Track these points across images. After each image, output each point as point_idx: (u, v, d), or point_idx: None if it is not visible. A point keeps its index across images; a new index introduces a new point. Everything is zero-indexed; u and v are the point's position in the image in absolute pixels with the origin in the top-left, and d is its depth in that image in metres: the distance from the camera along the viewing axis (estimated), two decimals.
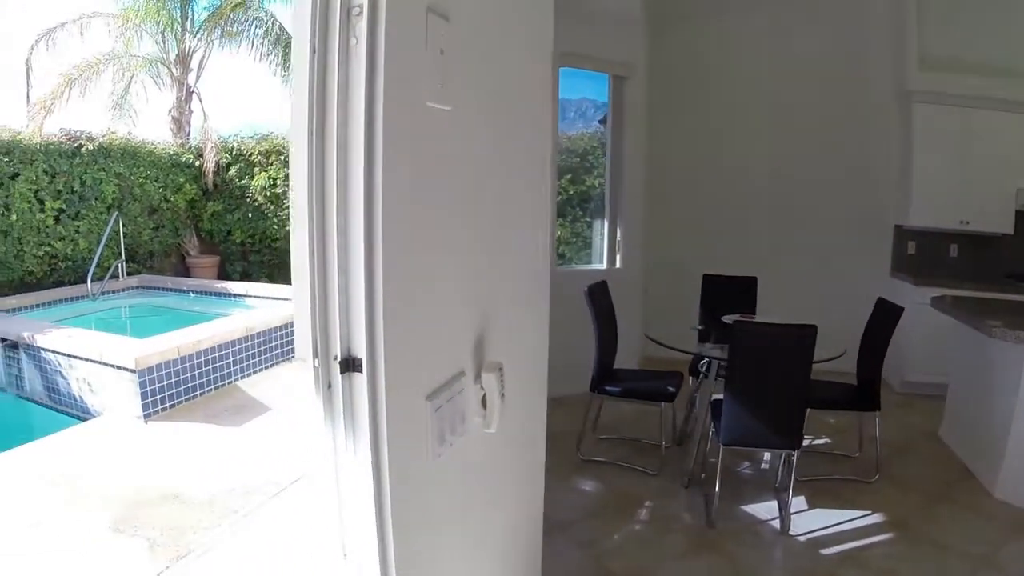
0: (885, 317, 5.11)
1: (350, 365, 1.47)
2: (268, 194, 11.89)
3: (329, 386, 1.47)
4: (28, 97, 13.45)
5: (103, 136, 10.80)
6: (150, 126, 14.15)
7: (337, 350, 1.46)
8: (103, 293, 9.21)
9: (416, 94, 1.54)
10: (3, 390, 6.95)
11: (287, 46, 13.15)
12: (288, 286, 8.82)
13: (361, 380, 1.46)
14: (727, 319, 5.14)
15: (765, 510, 4.60)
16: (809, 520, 4.44)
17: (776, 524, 4.42)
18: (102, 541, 3.81)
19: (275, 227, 11.88)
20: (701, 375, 5.46)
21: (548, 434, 3.12)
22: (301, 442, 4.86)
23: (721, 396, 4.41)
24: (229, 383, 6.45)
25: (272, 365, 6.97)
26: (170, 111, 13.42)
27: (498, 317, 2.24)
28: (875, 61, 7.58)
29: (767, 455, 5.32)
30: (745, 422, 4.30)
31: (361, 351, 1.45)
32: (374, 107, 1.37)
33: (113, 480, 4.57)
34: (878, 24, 7.52)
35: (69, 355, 6.11)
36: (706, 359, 5.27)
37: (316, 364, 1.46)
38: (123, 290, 9.83)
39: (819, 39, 7.69)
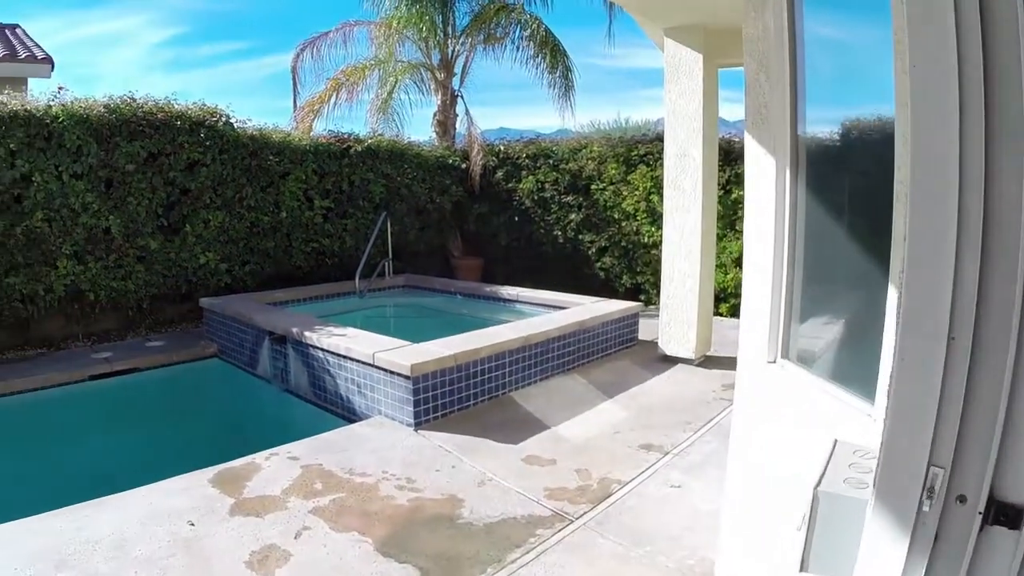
0: None
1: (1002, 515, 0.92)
2: (535, 198, 11.47)
3: (937, 537, 0.93)
4: (295, 101, 14.03)
5: (370, 138, 10.83)
6: (416, 129, 14.28)
7: (973, 488, 0.93)
8: (370, 291, 9.06)
9: None
10: (268, 382, 6.86)
11: (553, 49, 12.77)
12: (563, 294, 8.49)
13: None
14: None
15: None
16: None
17: None
18: (370, 564, 3.29)
19: (541, 231, 11.45)
20: None
21: None
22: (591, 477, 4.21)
23: None
24: (502, 394, 5.86)
25: (546, 377, 6.34)
26: (435, 114, 13.42)
27: None
28: None
29: None
30: None
31: None
32: None
33: (381, 492, 4.06)
34: None
35: (338, 354, 5.77)
36: None
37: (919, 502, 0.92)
38: (389, 288, 9.70)
39: None
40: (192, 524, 3.61)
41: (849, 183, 2.38)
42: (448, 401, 5.34)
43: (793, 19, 2.44)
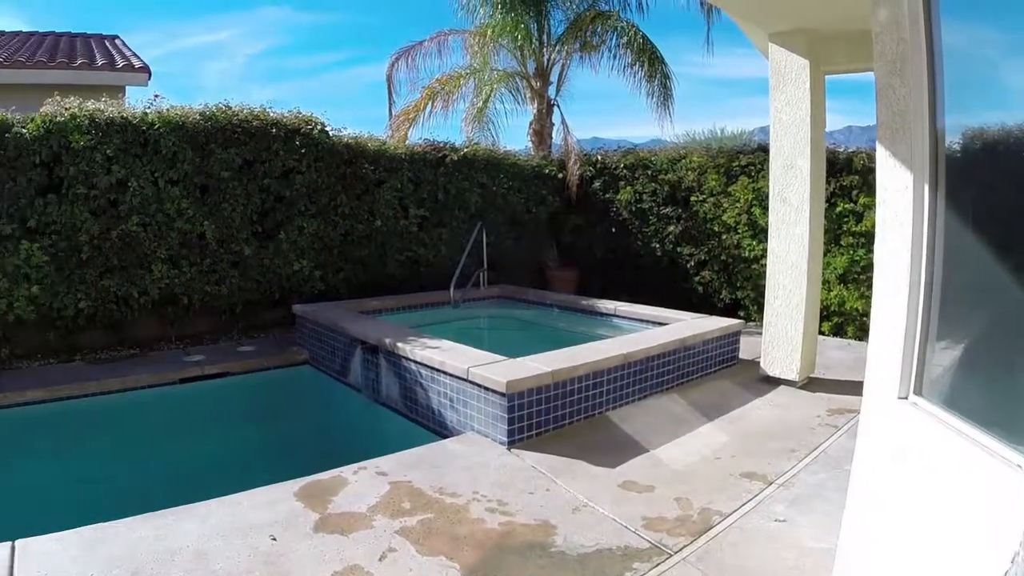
0: None
1: None
2: (633, 209, 11.20)
3: None
4: (390, 110, 14.15)
5: (466, 147, 10.76)
6: (510, 138, 14.23)
7: None
8: (464, 301, 8.92)
9: None
10: (358, 391, 6.80)
11: (651, 57, 12.53)
12: (662, 309, 8.06)
13: None
14: None
15: None
16: None
17: None
18: None
19: (638, 243, 11.17)
20: None
21: None
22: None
23: None
24: (599, 413, 5.62)
25: (644, 396, 6.08)
26: (531, 123, 13.30)
27: None
28: None
29: None
30: None
31: None
32: None
33: (471, 514, 3.88)
34: None
35: (431, 367, 5.64)
36: None
37: None
38: (484, 299, 9.58)
39: None
40: (274, 539, 3.52)
41: (1000, 196, 2.12)
42: (543, 419, 5.14)
43: (930, 14, 2.20)
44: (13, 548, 3.35)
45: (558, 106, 13.22)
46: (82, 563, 3.25)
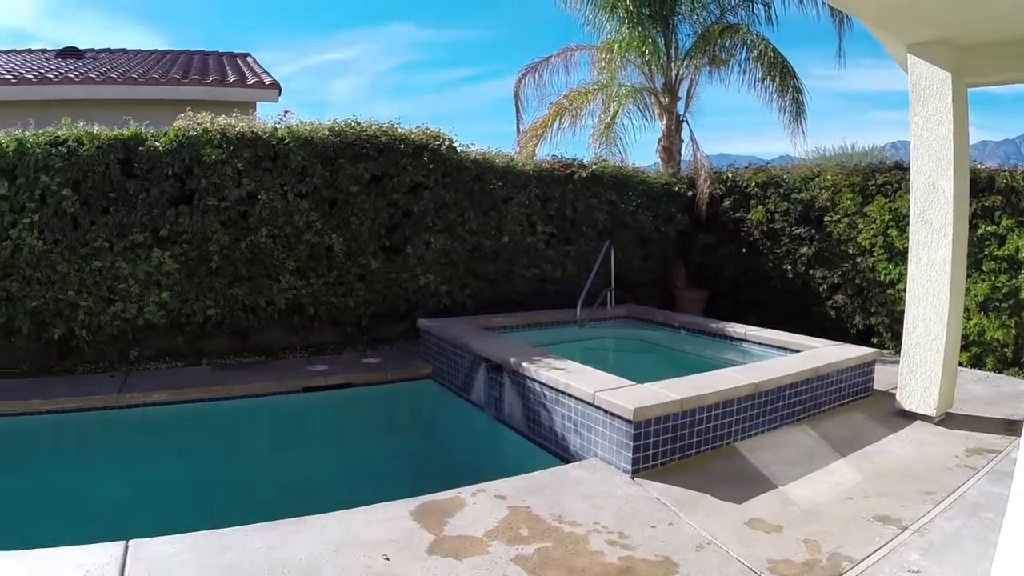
0: None
1: None
2: (764, 229, 10.74)
3: None
4: (518, 126, 14.13)
5: (594, 164, 10.59)
6: (637, 155, 13.98)
7: None
8: (591, 320, 8.70)
9: None
10: (480, 409, 6.69)
11: (783, 71, 12.11)
12: (794, 334, 7.58)
13: None
14: None
15: None
16: None
17: None
18: None
19: (769, 264, 10.69)
20: None
21: None
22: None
23: None
24: (726, 444, 5.30)
25: (774, 427, 5.71)
26: (659, 140, 13.00)
27: None
28: None
29: None
30: None
31: None
32: None
33: (590, 546, 3.67)
34: None
35: (556, 389, 5.46)
36: None
37: None
38: (610, 319, 9.31)
39: None
40: (387, 559, 3.42)
41: None
42: (669, 448, 4.88)
43: None
44: (126, 548, 3.38)
45: (687, 122, 12.89)
46: (192, 569, 3.25)
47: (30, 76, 12.42)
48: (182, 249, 7.41)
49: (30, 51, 15.70)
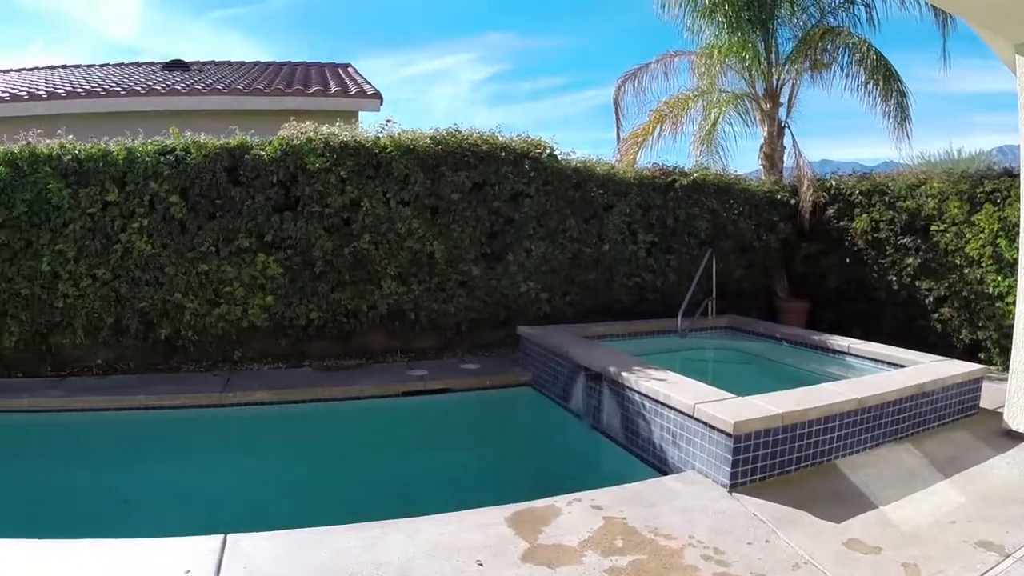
0: None
1: None
2: (869, 238, 10.37)
3: None
4: (618, 134, 14.07)
5: (696, 172, 10.46)
6: (738, 162, 13.72)
7: None
8: (691, 330, 8.60)
9: None
10: (579, 418, 6.69)
11: (886, 74, 11.79)
12: (898, 348, 7.30)
13: None
14: None
15: None
16: None
17: None
18: None
19: (873, 275, 10.32)
20: None
21: None
22: None
23: None
24: (827, 461, 5.15)
25: (876, 445, 5.52)
26: (761, 147, 12.71)
27: None
28: None
29: None
30: None
31: None
32: None
33: (684, 560, 3.64)
34: None
35: (656, 400, 5.43)
36: None
37: None
38: (711, 329, 9.20)
39: None
40: (481, 564, 3.47)
41: None
42: (768, 464, 4.79)
43: None
44: (224, 541, 3.53)
45: (789, 128, 12.55)
46: (287, 565, 3.37)
47: (139, 88, 13.04)
48: (286, 254, 7.71)
49: (138, 64, 16.53)
